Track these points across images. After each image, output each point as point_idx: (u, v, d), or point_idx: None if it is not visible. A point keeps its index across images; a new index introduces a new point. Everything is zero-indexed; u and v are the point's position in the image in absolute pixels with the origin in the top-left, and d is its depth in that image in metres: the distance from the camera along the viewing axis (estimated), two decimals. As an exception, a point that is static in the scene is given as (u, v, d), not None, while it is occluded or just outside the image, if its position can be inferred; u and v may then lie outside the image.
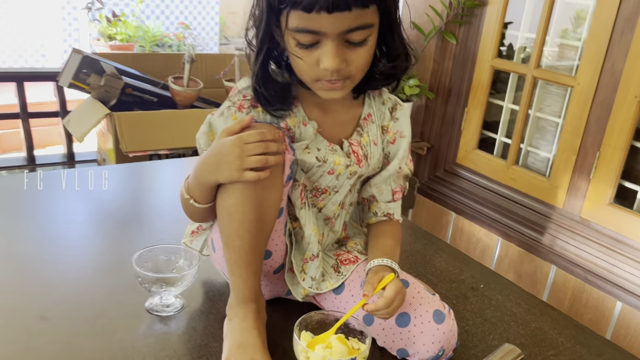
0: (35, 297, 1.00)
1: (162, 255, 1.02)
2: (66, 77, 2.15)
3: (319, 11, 0.77)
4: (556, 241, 1.96)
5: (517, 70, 2.10)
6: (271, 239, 0.94)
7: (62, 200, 1.41)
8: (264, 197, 0.85)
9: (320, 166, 0.93)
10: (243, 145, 0.80)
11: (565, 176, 1.95)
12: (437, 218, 2.39)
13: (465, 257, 1.29)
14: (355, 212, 1.11)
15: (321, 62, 0.81)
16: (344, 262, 1.01)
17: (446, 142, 2.38)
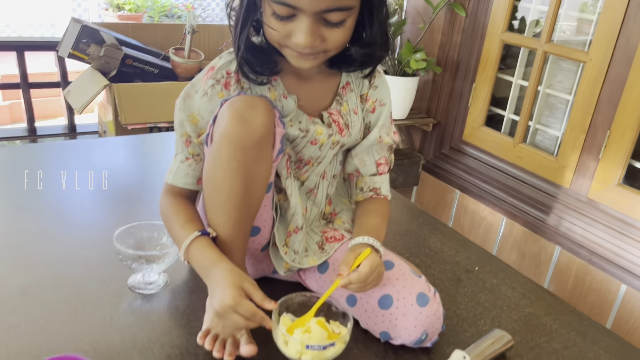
0: (16, 273, 0.98)
1: (145, 232, 1.00)
2: (66, 46, 2.12)
3: None
4: (562, 222, 1.91)
5: (527, 44, 2.02)
6: (260, 215, 0.91)
7: (51, 176, 1.39)
8: (253, 171, 0.82)
9: (303, 137, 0.91)
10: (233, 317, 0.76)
11: (574, 155, 1.89)
12: (442, 196, 2.35)
13: (462, 238, 1.26)
14: (344, 187, 1.08)
15: (294, 36, 0.79)
16: (329, 239, 0.98)
17: (453, 119, 2.32)
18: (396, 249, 1.19)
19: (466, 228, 2.26)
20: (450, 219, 2.33)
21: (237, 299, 0.75)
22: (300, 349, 0.76)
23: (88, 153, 1.54)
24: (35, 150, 1.52)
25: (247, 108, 0.79)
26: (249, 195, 0.83)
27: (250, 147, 0.79)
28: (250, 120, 0.79)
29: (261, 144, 0.81)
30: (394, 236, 1.24)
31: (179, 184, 0.92)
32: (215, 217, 0.84)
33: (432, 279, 1.09)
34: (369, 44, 0.87)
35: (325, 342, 0.76)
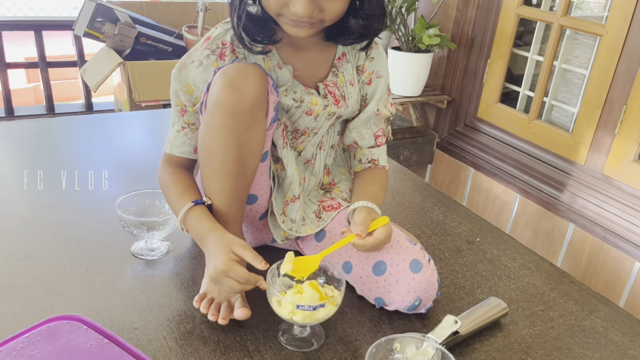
0: (23, 239, 1.02)
1: (147, 200, 1.02)
2: (81, 25, 2.15)
3: None
4: (576, 199, 1.88)
5: (543, 18, 1.98)
6: (257, 183, 0.92)
7: (61, 148, 1.42)
8: (246, 139, 0.83)
9: (298, 107, 0.91)
10: (227, 281, 0.79)
11: (589, 131, 1.85)
12: (456, 174, 2.33)
13: (466, 211, 1.25)
14: (343, 158, 1.08)
15: (292, 5, 0.78)
16: (326, 208, 0.99)
17: (467, 96, 2.29)
18: (397, 220, 1.19)
19: (480, 206, 2.24)
20: (464, 197, 2.32)
21: (229, 265, 0.77)
22: (292, 309, 0.78)
23: (100, 127, 1.58)
24: (51, 124, 1.56)
25: (240, 75, 0.80)
26: (242, 162, 0.84)
27: (243, 113, 0.80)
28: (242, 87, 0.79)
29: (254, 111, 0.81)
30: (397, 207, 1.25)
31: (177, 153, 0.93)
32: (210, 184, 0.86)
33: (431, 248, 1.09)
34: (368, 16, 0.86)
35: (316, 303, 0.78)
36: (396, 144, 2.27)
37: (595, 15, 1.92)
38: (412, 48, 2.18)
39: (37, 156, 1.35)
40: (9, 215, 1.09)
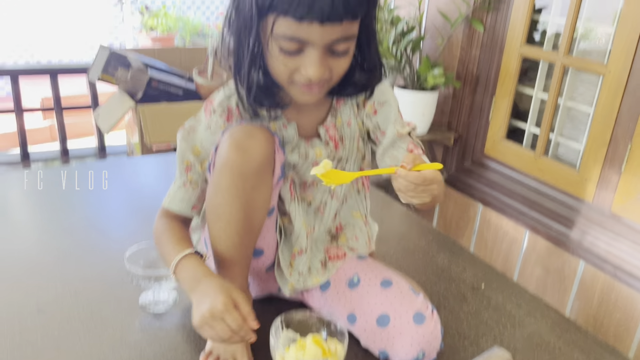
0: (34, 292, 1.04)
1: (154, 252, 1.04)
2: (95, 71, 2.22)
3: (311, 22, 0.75)
4: (585, 236, 1.88)
5: (546, 57, 2.01)
6: (262, 237, 0.94)
7: (63, 195, 1.46)
8: (252, 198, 0.85)
9: (304, 161, 0.93)
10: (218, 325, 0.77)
11: (596, 168, 1.86)
12: (465, 210, 2.34)
13: (471, 256, 1.26)
14: (357, 200, 1.07)
15: (304, 69, 0.80)
16: (332, 257, 1.00)
17: (474, 133, 2.31)
18: (403, 267, 1.20)
19: (489, 242, 2.24)
20: (474, 233, 2.32)
21: (228, 307, 0.77)
22: (295, 367, 0.78)
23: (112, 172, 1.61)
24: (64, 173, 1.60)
25: (246, 137, 0.83)
26: (249, 220, 0.86)
27: (249, 174, 0.82)
28: (249, 148, 0.82)
29: (260, 171, 0.84)
30: (402, 253, 1.26)
31: (174, 208, 0.96)
32: (217, 241, 0.88)
33: (436, 296, 1.10)
34: (371, 69, 0.89)
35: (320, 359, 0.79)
36: (404, 181, 2.29)
37: (599, 50, 1.94)
38: (417, 87, 2.22)
39: (50, 205, 1.38)
40: (22, 266, 1.12)
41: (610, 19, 1.91)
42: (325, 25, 0.75)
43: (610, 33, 1.86)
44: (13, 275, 1.08)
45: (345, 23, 0.77)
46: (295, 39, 0.77)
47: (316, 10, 0.73)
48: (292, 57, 0.79)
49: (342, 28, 0.77)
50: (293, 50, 0.79)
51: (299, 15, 0.74)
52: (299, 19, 0.75)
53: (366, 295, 0.92)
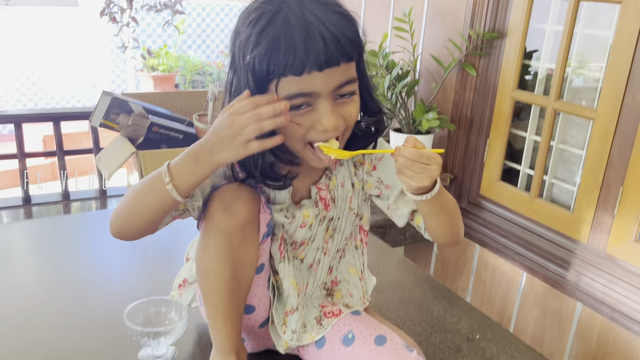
0: (35, 348, 1.06)
1: (153, 308, 1.06)
2: (97, 118, 2.26)
3: (310, 71, 0.77)
4: (582, 277, 1.89)
5: (537, 102, 2.06)
6: (253, 294, 0.96)
7: (64, 247, 1.48)
8: (238, 256, 0.88)
9: (290, 222, 0.95)
10: (237, 118, 0.75)
11: (589, 210, 1.89)
12: (462, 250, 2.36)
13: (466, 305, 1.27)
14: (355, 255, 1.09)
15: (319, 123, 0.81)
16: (327, 314, 1.02)
17: (469, 174, 2.35)
18: (399, 317, 1.21)
19: (487, 283, 2.25)
20: (472, 273, 2.33)
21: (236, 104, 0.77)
22: None
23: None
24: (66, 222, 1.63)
25: (232, 198, 0.86)
26: (237, 277, 0.88)
27: (234, 233, 0.86)
28: (233, 209, 0.85)
29: (245, 230, 0.86)
30: (398, 302, 1.27)
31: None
32: (207, 298, 0.90)
33: (432, 349, 1.11)
34: (376, 112, 0.91)
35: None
36: (402, 222, 2.32)
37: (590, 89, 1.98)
38: (413, 130, 2.26)
39: (50, 257, 1.41)
40: (22, 321, 1.13)
41: (599, 64, 1.97)
42: (325, 71, 0.77)
43: (599, 78, 1.91)
44: (12, 331, 1.10)
45: (343, 65, 0.79)
46: (302, 94, 0.79)
47: (312, 60, 0.76)
48: (303, 115, 0.81)
49: (342, 71, 0.80)
50: (302, 106, 0.80)
51: (298, 69, 0.76)
52: (299, 72, 0.77)
53: (360, 353, 0.93)
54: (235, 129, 0.75)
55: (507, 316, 2.18)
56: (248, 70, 0.80)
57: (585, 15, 1.94)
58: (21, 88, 5.76)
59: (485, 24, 2.12)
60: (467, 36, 2.15)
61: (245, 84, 0.81)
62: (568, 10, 1.84)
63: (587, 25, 1.97)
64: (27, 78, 5.78)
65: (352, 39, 0.80)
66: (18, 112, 2.50)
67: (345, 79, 0.81)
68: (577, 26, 1.89)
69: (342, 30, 0.78)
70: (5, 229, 1.55)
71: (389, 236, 2.31)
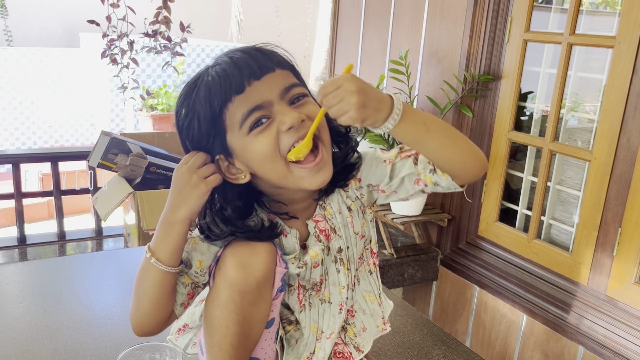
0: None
1: (147, 354, 1.04)
2: (95, 157, 2.27)
3: (250, 82, 0.79)
4: (582, 320, 1.87)
5: (533, 143, 2.07)
6: (260, 348, 0.93)
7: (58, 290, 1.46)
8: (249, 313, 0.84)
9: (304, 270, 0.92)
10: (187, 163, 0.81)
11: (588, 252, 1.88)
12: (461, 291, 2.33)
13: (466, 350, 1.25)
14: (370, 281, 1.03)
15: (283, 124, 0.79)
16: (337, 354, 0.97)
17: (467, 214, 2.34)
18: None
19: (487, 324, 2.22)
20: (471, 315, 2.30)
21: None
22: None
23: (109, 264, 1.62)
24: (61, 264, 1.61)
25: (248, 253, 0.82)
26: (245, 334, 0.85)
27: (249, 291, 0.82)
28: (249, 265, 0.82)
29: (260, 288, 0.83)
30: (397, 348, 1.25)
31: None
32: (212, 353, 0.87)
33: (432, 397, 1.08)
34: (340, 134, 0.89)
35: None
36: (400, 262, 2.30)
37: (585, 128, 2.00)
38: (410, 170, 2.27)
39: (44, 301, 1.38)
40: (13, 369, 1.11)
41: (593, 105, 2.00)
42: (263, 78, 0.79)
43: (594, 119, 1.93)
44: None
45: (279, 71, 0.81)
46: (254, 107, 0.79)
47: (247, 72, 0.79)
48: (266, 130, 0.80)
49: (280, 76, 0.81)
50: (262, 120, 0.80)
51: (240, 87, 0.78)
52: (240, 89, 0.78)
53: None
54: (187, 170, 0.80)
55: (509, 359, 2.14)
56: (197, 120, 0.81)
57: (578, 58, 1.98)
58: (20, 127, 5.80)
59: (481, 66, 2.16)
60: (462, 78, 2.18)
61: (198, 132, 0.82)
62: (561, 54, 1.87)
63: (580, 68, 2.01)
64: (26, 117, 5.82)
65: (276, 53, 0.84)
66: (16, 152, 2.51)
67: (289, 83, 0.82)
68: (571, 69, 1.93)
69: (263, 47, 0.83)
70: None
71: (387, 277, 2.29)
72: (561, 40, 1.88)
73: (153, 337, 1.19)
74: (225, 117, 0.80)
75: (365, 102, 0.74)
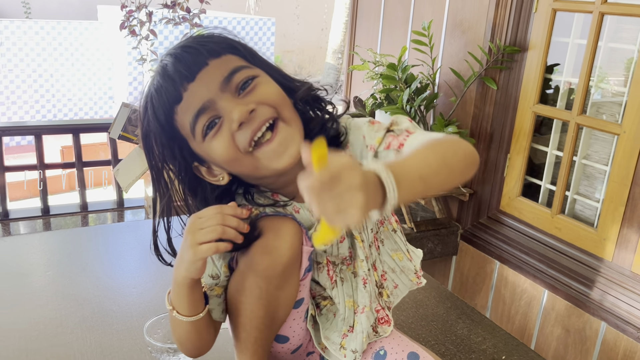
0: (55, 362, 1.05)
1: (173, 323, 1.05)
2: (116, 129, 2.27)
3: (185, 86, 0.76)
4: (606, 296, 1.85)
5: (559, 116, 2.03)
6: (289, 326, 0.92)
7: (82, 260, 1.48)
8: (275, 297, 0.82)
9: (331, 245, 0.90)
10: (196, 221, 0.74)
11: (614, 228, 1.84)
12: (481, 266, 2.32)
13: (490, 324, 1.24)
14: (394, 239, 0.98)
15: (231, 121, 0.76)
16: (381, 320, 0.95)
17: (489, 189, 2.31)
18: (421, 336, 1.19)
19: (507, 300, 2.21)
20: (491, 290, 2.29)
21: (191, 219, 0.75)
22: None
23: (132, 235, 1.63)
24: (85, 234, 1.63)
25: (272, 238, 0.79)
26: (270, 317, 0.84)
27: (274, 276, 0.80)
28: (275, 250, 0.79)
29: (286, 271, 0.80)
30: (420, 321, 1.24)
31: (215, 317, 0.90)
32: (236, 333, 0.87)
33: (456, 369, 1.08)
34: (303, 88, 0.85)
35: None
36: (420, 236, 2.28)
37: (614, 103, 1.95)
38: (432, 144, 2.24)
39: (69, 270, 1.40)
40: (42, 335, 1.12)
41: (623, 78, 1.94)
42: (197, 77, 0.76)
43: (623, 92, 1.88)
44: (32, 347, 1.09)
45: (213, 62, 0.77)
46: (198, 112, 0.76)
47: (179, 78, 0.76)
48: (222, 130, 0.77)
49: (216, 67, 0.77)
50: (212, 123, 0.77)
51: (177, 96, 0.76)
52: (179, 97, 0.76)
53: (392, 370, 0.90)
54: (192, 230, 0.74)
55: (528, 335, 2.13)
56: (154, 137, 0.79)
57: (609, 28, 1.91)
58: (40, 100, 5.84)
59: (506, 37, 2.10)
60: (487, 49, 2.13)
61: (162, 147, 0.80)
62: (592, 23, 1.81)
63: (611, 39, 1.95)
64: (46, 90, 5.85)
65: (208, 39, 0.80)
66: (38, 123, 2.52)
67: (228, 71, 0.77)
68: (601, 40, 1.87)
69: (193, 40, 0.79)
70: (24, 240, 1.55)
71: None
72: (592, 9, 1.82)
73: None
74: (178, 128, 0.78)
75: (368, 196, 0.57)
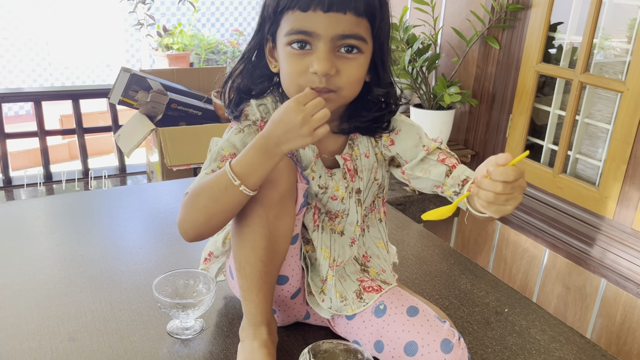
0: (66, 320, 1.06)
1: (181, 280, 1.06)
2: (116, 94, 2.26)
3: (315, 9, 0.80)
4: (606, 254, 1.87)
5: (563, 75, 2.01)
6: (287, 264, 0.96)
7: (87, 222, 1.49)
8: (275, 226, 0.87)
9: (323, 193, 0.95)
10: (305, 109, 0.77)
11: (616, 186, 1.85)
12: (483, 227, 2.33)
13: (493, 279, 1.26)
14: (380, 228, 1.08)
15: (311, 66, 0.82)
16: (367, 289, 0.99)
17: (491, 150, 2.31)
18: (425, 291, 1.20)
19: (509, 259, 2.23)
20: (492, 250, 2.31)
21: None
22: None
23: (135, 198, 1.64)
24: (88, 197, 1.63)
25: None
26: (272, 248, 0.88)
27: (272, 205, 0.85)
28: (272, 181, 0.84)
29: (282, 201, 0.86)
30: (424, 277, 1.26)
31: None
32: (241, 269, 0.90)
33: (460, 322, 1.10)
34: (387, 85, 0.92)
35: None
36: (421, 198, 2.29)
37: (617, 62, 1.93)
38: (434, 105, 2.23)
39: (76, 232, 1.41)
40: (51, 295, 1.14)
41: (626, 37, 1.91)
42: (329, 14, 0.80)
43: (628, 48, 1.86)
44: (43, 305, 1.11)
45: (349, 16, 0.81)
46: (302, 31, 0.81)
47: (317, 0, 0.79)
48: (300, 56, 0.83)
49: (347, 21, 0.81)
50: (301, 45, 0.83)
51: (304, 6, 0.80)
52: (304, 8, 0.80)
53: (393, 324, 0.92)
54: (304, 119, 0.77)
55: (529, 293, 2.17)
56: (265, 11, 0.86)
57: (614, -16, 1.88)
58: (37, 68, 5.78)
59: (510, -5, 2.07)
60: (490, 8, 2.10)
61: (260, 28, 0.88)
62: (597, -21, 1.78)
63: (615, -5, 1.92)
64: (42, 58, 5.78)
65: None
66: (38, 89, 2.50)
67: (350, 32, 0.82)
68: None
69: None
70: (29, 204, 1.56)
71: (409, 213, 2.29)
72: (597, -35, 1.78)
73: (185, 265, 1.22)
74: (283, 18, 0.84)
75: None
